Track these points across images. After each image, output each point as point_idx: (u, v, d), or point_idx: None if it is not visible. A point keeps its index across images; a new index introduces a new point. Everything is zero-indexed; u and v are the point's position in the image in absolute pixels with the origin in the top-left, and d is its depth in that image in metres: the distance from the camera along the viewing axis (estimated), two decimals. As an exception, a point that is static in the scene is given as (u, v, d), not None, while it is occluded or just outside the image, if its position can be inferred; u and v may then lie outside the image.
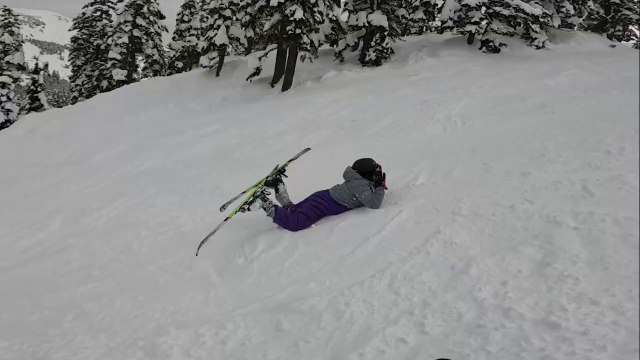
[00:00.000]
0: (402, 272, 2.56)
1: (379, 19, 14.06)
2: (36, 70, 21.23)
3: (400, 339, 1.99)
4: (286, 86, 14.06)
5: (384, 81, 11.41)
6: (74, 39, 26.46)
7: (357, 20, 14.53)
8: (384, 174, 3.76)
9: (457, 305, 2.10)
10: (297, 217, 3.81)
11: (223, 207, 4.07)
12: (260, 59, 14.74)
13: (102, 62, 25.41)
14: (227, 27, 16.87)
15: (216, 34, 16.67)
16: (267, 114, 10.81)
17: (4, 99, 18.30)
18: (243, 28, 16.55)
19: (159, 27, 23.96)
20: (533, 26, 13.09)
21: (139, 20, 22.73)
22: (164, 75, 24.63)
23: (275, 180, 4.11)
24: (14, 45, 19.25)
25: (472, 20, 13.58)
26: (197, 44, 25.18)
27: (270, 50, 14.67)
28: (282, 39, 13.41)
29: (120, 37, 22.46)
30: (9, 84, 18.65)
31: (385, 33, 14.14)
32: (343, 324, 2.25)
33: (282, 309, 2.59)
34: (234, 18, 16.79)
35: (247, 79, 15.16)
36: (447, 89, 8.34)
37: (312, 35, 13.18)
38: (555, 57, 11.30)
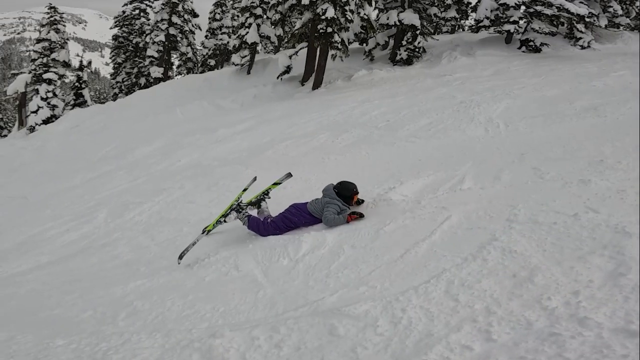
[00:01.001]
0: (458, 279, 2.50)
1: (410, 17, 13.87)
2: (80, 68, 22.15)
3: (466, 346, 1.95)
4: (316, 85, 14.08)
5: (416, 81, 11.22)
6: (115, 37, 27.38)
7: (387, 19, 14.39)
8: (358, 214, 3.89)
9: (525, 314, 2.05)
10: (267, 225, 4.20)
11: (180, 258, 4.17)
12: (290, 57, 14.84)
13: (140, 60, 26.21)
14: (258, 26, 17.05)
15: (247, 32, 16.88)
16: (298, 112, 10.83)
17: (50, 95, 19.12)
18: (273, 26, 16.70)
19: (192, 26, 24.47)
20: (578, 26, 12.55)
21: (174, 19, 23.29)
22: (197, 72, 25.17)
23: (259, 200, 4.59)
24: (59, 42, 19.91)
25: (511, 20, 13.17)
26: (228, 42, 25.62)
27: (301, 48, 14.72)
28: (313, 37, 13.42)
29: (157, 35, 23.08)
30: (55, 81, 19.44)
31: (417, 32, 13.93)
32: (401, 329, 2.21)
33: (334, 313, 2.57)
34: (265, 16, 16.93)
35: (277, 77, 15.29)
36: (485, 90, 8.10)
37: (342, 34, 13.14)
38: (602, 57, 10.76)
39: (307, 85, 14.65)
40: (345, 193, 4.04)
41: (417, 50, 14.10)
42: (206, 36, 27.01)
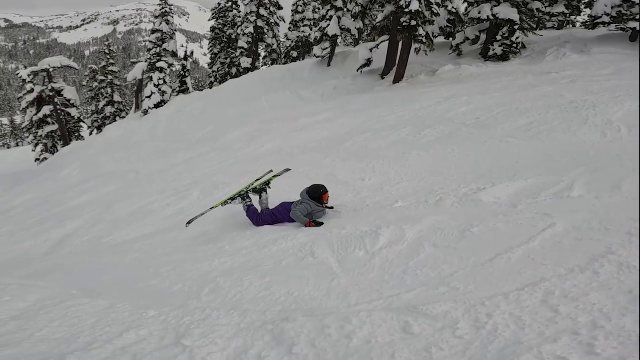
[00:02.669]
0: (560, 290, 2.29)
1: (507, 11, 12.77)
2: (185, 57, 24.28)
3: (561, 357, 1.81)
4: (398, 78, 13.66)
5: (513, 78, 10.23)
6: (212, 29, 29.48)
7: (479, 13, 13.40)
8: (316, 223, 4.32)
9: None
10: (259, 217, 4.92)
11: (188, 223, 5.13)
12: (371, 50, 14.59)
13: (232, 51, 28.02)
14: (339, 18, 17.01)
15: (328, 24, 16.95)
16: (378, 105, 10.61)
17: (161, 82, 21.34)
18: (353, 19, 16.54)
19: (277, 18, 25.37)
20: None
21: (262, 11, 24.40)
22: (280, 64, 26.11)
23: (261, 189, 5.24)
24: (169, 34, 21.99)
25: (638, 17, 11.37)
26: (310, 35, 26.10)
27: (382, 41, 14.39)
28: (395, 30, 13.00)
29: (247, 27, 24.41)
30: (165, 69, 21.59)
31: (516, 27, 12.73)
32: (484, 335, 2.09)
33: (410, 311, 2.47)
34: (345, 9, 16.87)
35: (357, 70, 15.17)
36: (603, 90, 7.04)
37: (427, 27, 12.52)
38: None
39: (388, 78, 14.28)
40: (314, 195, 4.52)
41: (514, 45, 12.90)
42: (289, 28, 27.79)
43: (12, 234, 7.54)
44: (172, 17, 22.30)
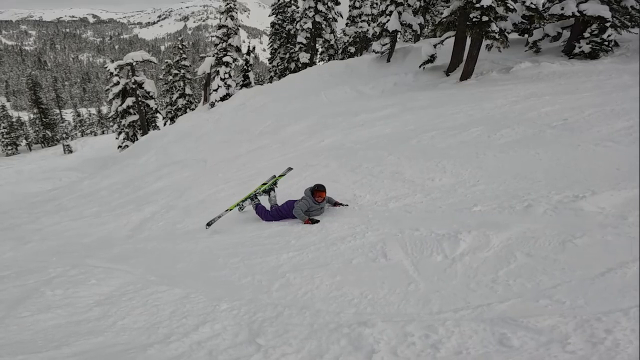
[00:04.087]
0: None
1: (596, 8, 11.59)
2: (248, 52, 25.04)
3: None
4: (465, 75, 12.95)
5: (606, 76, 9.22)
6: (272, 24, 30.10)
7: (562, 9, 12.26)
8: (313, 220, 4.70)
9: None
10: (267, 213, 5.41)
11: (208, 225, 5.57)
12: (435, 46, 13.98)
13: (291, 46, 28.44)
14: (399, 13, 16.48)
15: (388, 20, 16.49)
16: (444, 103, 10.09)
17: (226, 76, 22.23)
18: (414, 14, 15.89)
19: (335, 13, 25.25)
20: None
21: (320, 7, 24.42)
22: (337, 59, 26.00)
23: (269, 189, 5.86)
24: (233, 29, 22.73)
25: None
26: (367, 30, 25.65)
27: (447, 37, 13.70)
28: (463, 26, 12.28)
29: (306, 23, 24.59)
30: (230, 64, 22.41)
31: (607, 24, 11.52)
32: (602, 350, 1.92)
33: (507, 322, 2.27)
34: (406, 4, 16.29)
35: (420, 66, 14.63)
36: None
37: (500, 23, 11.68)
38: None
39: (454, 75, 13.58)
40: (312, 191, 4.88)
41: (605, 43, 11.69)
42: (347, 24, 27.53)
43: (99, 215, 8.17)
44: (236, 12, 22.98)
